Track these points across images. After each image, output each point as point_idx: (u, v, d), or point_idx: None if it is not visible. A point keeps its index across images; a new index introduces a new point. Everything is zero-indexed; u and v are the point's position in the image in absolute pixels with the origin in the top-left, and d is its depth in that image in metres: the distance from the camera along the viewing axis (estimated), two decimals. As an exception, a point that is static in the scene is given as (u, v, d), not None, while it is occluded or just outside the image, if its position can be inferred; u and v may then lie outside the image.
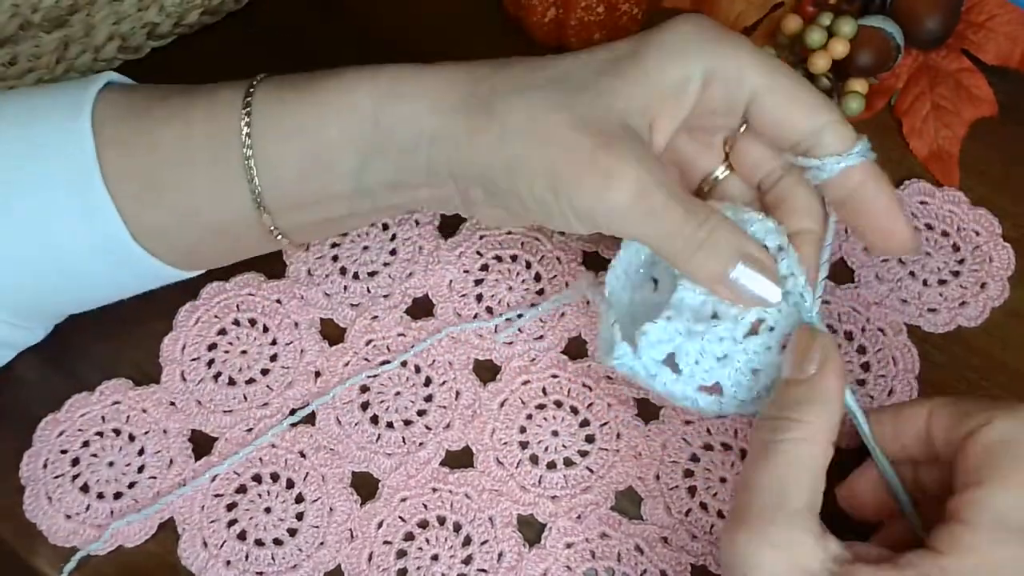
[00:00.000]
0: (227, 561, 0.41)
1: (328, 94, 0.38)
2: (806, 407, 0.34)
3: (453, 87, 0.37)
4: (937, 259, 0.47)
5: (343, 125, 0.37)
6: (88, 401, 0.45)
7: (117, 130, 0.38)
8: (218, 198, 0.38)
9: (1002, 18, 0.52)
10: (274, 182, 0.38)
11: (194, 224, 0.39)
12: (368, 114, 0.37)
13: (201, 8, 0.54)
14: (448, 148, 0.37)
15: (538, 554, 0.41)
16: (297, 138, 0.38)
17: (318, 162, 0.38)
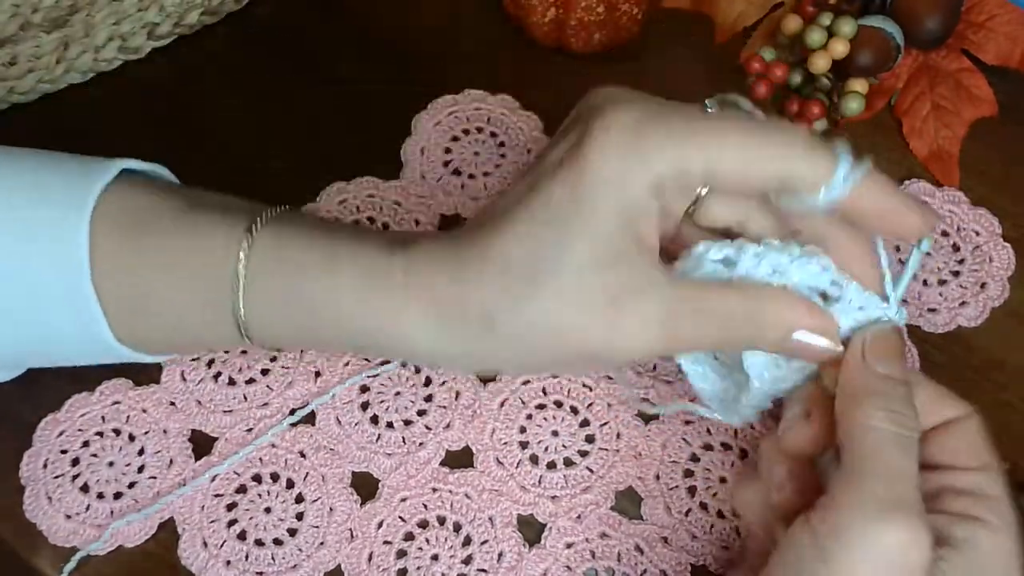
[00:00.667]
0: (227, 561, 0.41)
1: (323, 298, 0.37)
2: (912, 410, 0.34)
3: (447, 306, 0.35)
4: (937, 259, 0.47)
5: (338, 336, 0.38)
6: (88, 401, 0.45)
7: (111, 242, 0.37)
8: (204, 332, 0.39)
9: (1002, 18, 0.52)
10: (264, 338, 0.39)
11: (178, 340, 0.41)
12: (366, 334, 0.37)
13: (201, 8, 0.54)
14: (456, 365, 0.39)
15: (538, 554, 0.41)
16: (291, 321, 0.38)
17: (312, 341, 0.41)
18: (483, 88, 0.53)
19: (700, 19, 0.56)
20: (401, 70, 0.54)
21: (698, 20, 0.56)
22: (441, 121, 0.52)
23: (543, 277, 0.33)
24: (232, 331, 0.38)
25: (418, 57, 0.55)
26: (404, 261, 0.36)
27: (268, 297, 0.37)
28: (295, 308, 0.37)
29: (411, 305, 0.35)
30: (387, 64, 0.55)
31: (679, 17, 0.56)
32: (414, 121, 0.52)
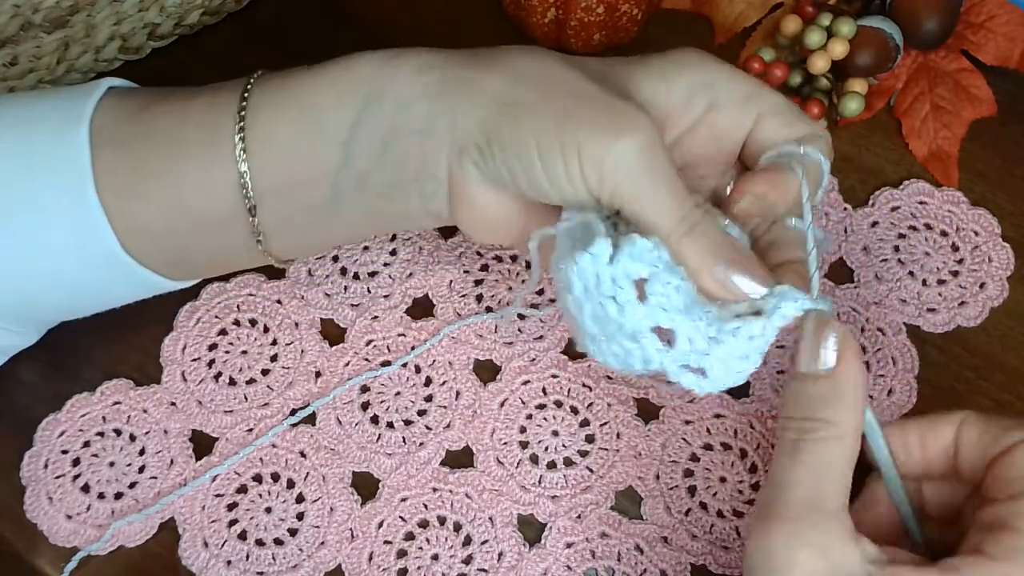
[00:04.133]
0: (228, 561, 0.41)
1: (327, 66, 0.38)
2: (833, 405, 0.33)
3: (452, 53, 0.37)
4: (936, 259, 0.47)
5: (339, 84, 0.37)
6: (89, 401, 0.45)
7: (115, 131, 0.38)
8: (204, 185, 0.38)
9: (1001, 18, 0.52)
10: (260, 156, 0.37)
11: (179, 221, 0.38)
12: (367, 74, 0.37)
13: (202, 8, 0.54)
14: (452, 93, 0.36)
15: (538, 554, 0.41)
16: (290, 107, 0.37)
17: (307, 124, 0.37)
18: (483, 88, 0.53)
19: (700, 19, 0.56)
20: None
21: (698, 20, 0.56)
22: (441, 121, 0.52)
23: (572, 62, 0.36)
24: (232, 191, 0.37)
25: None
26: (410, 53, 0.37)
27: (268, 110, 0.37)
28: (296, 107, 0.37)
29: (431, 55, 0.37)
30: (387, 64, 0.55)
31: (679, 17, 0.56)
32: (414, 121, 0.52)
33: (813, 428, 0.33)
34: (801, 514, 0.32)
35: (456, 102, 0.35)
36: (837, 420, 0.33)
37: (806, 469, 0.32)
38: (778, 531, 0.32)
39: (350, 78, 0.37)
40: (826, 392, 0.33)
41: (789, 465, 0.33)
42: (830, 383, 0.33)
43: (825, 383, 0.33)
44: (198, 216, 0.38)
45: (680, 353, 0.34)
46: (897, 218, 0.49)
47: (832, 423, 0.33)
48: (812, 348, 0.34)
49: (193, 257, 0.40)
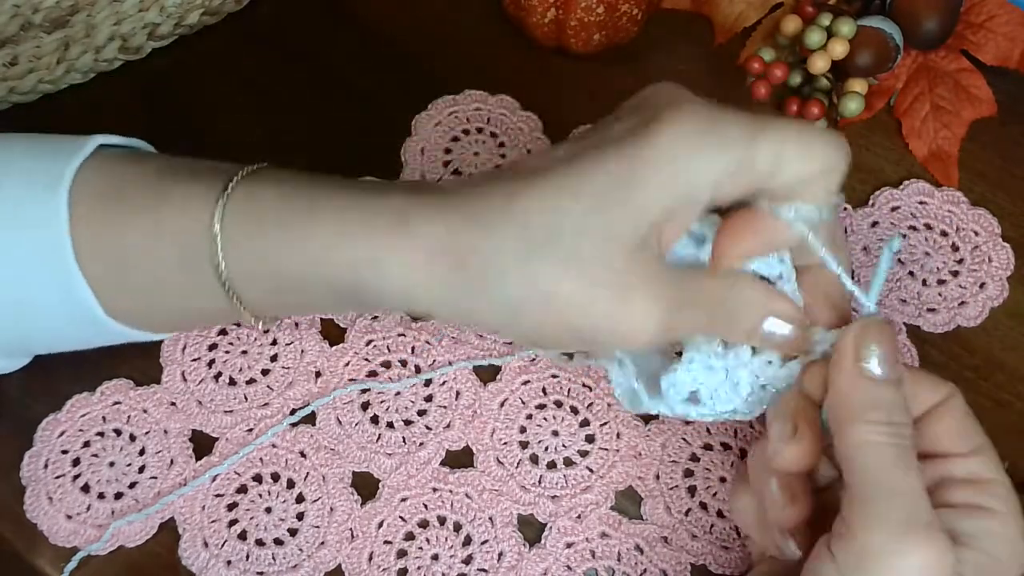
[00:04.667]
0: (228, 561, 0.41)
1: (304, 254, 0.35)
2: (906, 412, 0.33)
3: (438, 254, 0.33)
4: (936, 259, 0.47)
5: (320, 284, 0.35)
6: (89, 401, 0.45)
7: (91, 209, 0.37)
8: (190, 298, 0.38)
9: (1001, 19, 0.52)
10: (248, 294, 0.37)
11: (166, 312, 0.39)
12: (348, 279, 0.35)
13: (202, 9, 0.54)
14: (436, 315, 0.35)
15: (538, 554, 0.41)
16: (272, 271, 0.36)
17: (295, 293, 0.37)
18: (483, 88, 0.53)
19: (700, 19, 0.56)
20: (401, 70, 0.54)
21: (697, 20, 0.56)
22: (441, 121, 0.52)
23: (564, 247, 0.32)
24: (219, 295, 0.37)
25: (418, 57, 0.55)
26: (401, 203, 0.34)
27: (248, 249, 0.36)
28: (273, 262, 0.35)
29: (400, 247, 0.33)
30: (387, 64, 0.55)
31: (679, 17, 0.56)
32: (414, 121, 0.52)
33: (908, 434, 0.32)
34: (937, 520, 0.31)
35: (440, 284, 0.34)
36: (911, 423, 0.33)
37: (919, 475, 0.32)
38: (934, 540, 0.31)
39: (334, 274, 0.35)
40: (900, 397, 0.33)
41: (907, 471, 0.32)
42: (901, 390, 0.33)
43: (897, 389, 0.33)
44: (187, 303, 0.38)
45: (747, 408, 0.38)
46: (897, 218, 0.49)
47: (911, 426, 0.33)
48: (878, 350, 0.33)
49: (179, 326, 0.43)
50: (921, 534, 0.31)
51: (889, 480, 0.31)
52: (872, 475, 0.32)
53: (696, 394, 0.38)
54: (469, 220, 0.33)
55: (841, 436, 0.33)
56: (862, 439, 0.32)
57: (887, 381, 0.33)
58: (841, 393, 0.33)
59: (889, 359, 0.33)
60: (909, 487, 0.31)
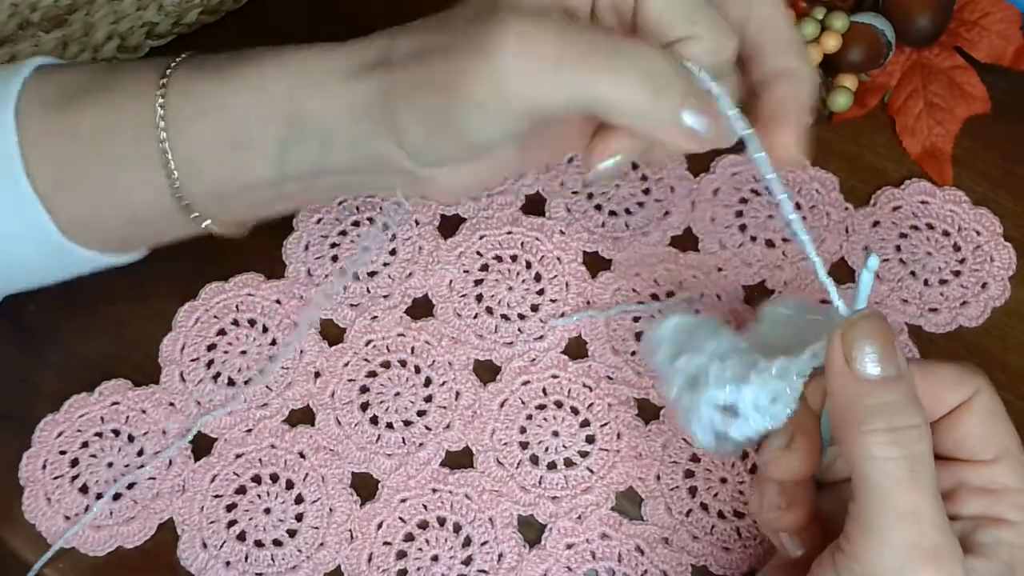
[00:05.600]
0: (227, 562, 0.41)
1: (240, 79, 0.36)
2: (917, 408, 0.31)
3: (366, 53, 0.35)
4: (938, 259, 0.47)
5: (257, 109, 0.36)
6: (87, 402, 0.44)
7: (41, 118, 0.37)
8: (138, 187, 0.37)
9: (995, 16, 0.52)
10: (192, 169, 0.36)
11: (117, 214, 0.38)
12: (281, 96, 0.35)
13: (200, 7, 0.54)
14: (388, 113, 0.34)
15: (538, 555, 0.41)
16: (211, 116, 0.36)
17: (234, 145, 0.36)
18: (483, 87, 0.53)
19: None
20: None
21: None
22: (441, 120, 0.52)
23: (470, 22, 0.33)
24: (164, 193, 0.36)
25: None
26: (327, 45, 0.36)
27: (187, 108, 0.36)
28: (213, 106, 0.36)
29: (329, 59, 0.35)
30: (387, 63, 0.55)
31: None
32: (414, 120, 0.52)
33: (917, 438, 0.30)
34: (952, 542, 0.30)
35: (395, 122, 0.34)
36: (926, 423, 0.31)
37: (931, 488, 0.30)
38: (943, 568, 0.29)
39: (265, 101, 0.35)
40: (906, 395, 0.31)
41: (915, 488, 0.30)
42: (905, 385, 0.31)
43: (900, 386, 0.31)
44: (134, 212, 0.38)
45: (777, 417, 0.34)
46: (898, 218, 0.48)
47: (924, 427, 0.30)
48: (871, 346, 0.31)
49: (134, 241, 0.40)
50: (927, 561, 0.29)
51: (892, 500, 0.29)
52: (874, 494, 0.30)
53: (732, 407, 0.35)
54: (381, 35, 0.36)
55: (843, 446, 0.31)
56: (863, 452, 0.30)
57: (887, 380, 0.30)
58: (838, 400, 0.31)
59: (884, 355, 0.31)
60: (914, 506, 0.29)
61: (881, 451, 0.30)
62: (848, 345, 0.31)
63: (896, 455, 0.30)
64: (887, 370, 0.31)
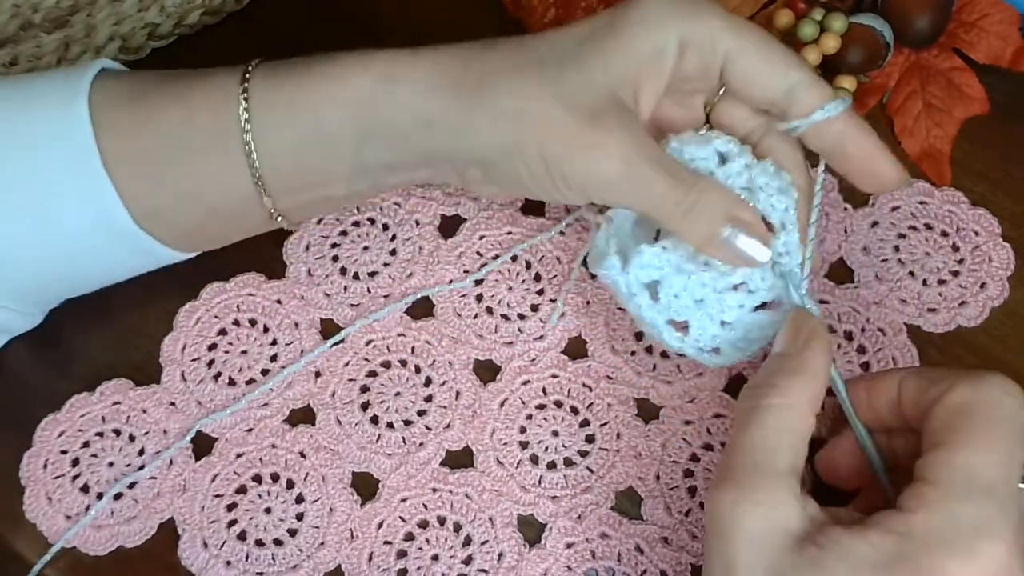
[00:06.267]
0: (227, 561, 0.41)
1: (324, 80, 0.38)
2: (791, 377, 0.35)
3: (446, 72, 0.38)
4: (936, 259, 0.47)
5: (340, 109, 0.38)
6: (88, 401, 0.45)
7: (115, 115, 0.38)
8: (219, 181, 0.39)
9: (993, 17, 0.52)
10: (274, 165, 0.39)
11: (194, 206, 0.40)
12: (364, 97, 0.38)
13: (202, 8, 0.54)
14: (443, 133, 0.38)
15: (538, 554, 0.41)
16: (295, 121, 0.38)
17: (316, 145, 0.39)
18: (483, 88, 0.53)
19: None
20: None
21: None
22: (441, 121, 0.52)
23: (548, 68, 0.37)
24: (247, 185, 0.39)
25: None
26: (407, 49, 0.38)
27: (272, 104, 0.38)
28: (297, 104, 0.38)
29: (409, 67, 0.38)
30: (387, 64, 0.55)
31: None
32: (414, 121, 0.52)
33: (763, 394, 0.35)
34: (748, 476, 0.33)
35: (448, 142, 0.38)
36: (787, 388, 0.35)
37: (756, 434, 0.34)
38: (727, 492, 0.33)
39: (348, 98, 0.38)
40: (787, 366, 0.36)
41: (741, 430, 0.34)
42: (789, 359, 0.36)
43: (785, 359, 0.36)
44: (211, 204, 0.40)
45: (693, 339, 0.40)
46: (897, 218, 0.48)
47: (780, 389, 0.35)
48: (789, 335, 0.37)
49: (206, 235, 0.42)
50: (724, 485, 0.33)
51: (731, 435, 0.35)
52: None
53: (656, 287, 0.39)
54: (475, 46, 0.39)
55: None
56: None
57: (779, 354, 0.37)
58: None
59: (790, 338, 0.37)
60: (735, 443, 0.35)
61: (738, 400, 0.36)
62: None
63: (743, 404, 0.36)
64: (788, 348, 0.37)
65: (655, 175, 0.37)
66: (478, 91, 0.37)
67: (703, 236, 0.38)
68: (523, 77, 0.37)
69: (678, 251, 0.39)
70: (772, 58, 0.38)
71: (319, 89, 0.38)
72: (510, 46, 0.38)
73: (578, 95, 0.37)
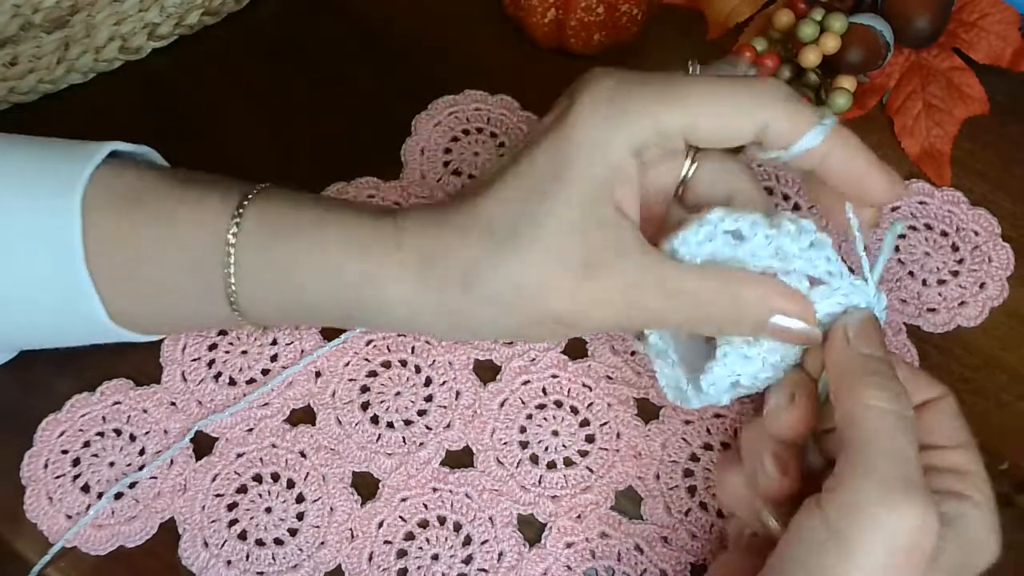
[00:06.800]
0: (228, 561, 0.41)
1: (311, 256, 0.37)
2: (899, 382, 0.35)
3: (430, 264, 0.36)
4: (936, 259, 0.47)
5: (326, 289, 0.37)
6: (89, 401, 0.45)
7: (104, 217, 0.38)
8: (196, 303, 0.39)
9: (993, 17, 0.52)
10: (254, 308, 0.39)
11: (169, 316, 0.40)
12: (353, 278, 0.37)
13: (202, 9, 0.54)
14: (438, 327, 0.37)
15: (538, 554, 0.41)
16: (280, 286, 0.38)
17: (298, 307, 0.39)
18: (483, 88, 0.53)
19: (699, 18, 0.56)
20: (401, 70, 0.54)
21: (697, 19, 0.56)
22: (441, 121, 0.52)
23: (523, 238, 0.34)
24: (223, 304, 0.38)
25: (418, 57, 0.55)
26: (392, 225, 0.37)
27: (258, 264, 0.37)
28: (283, 272, 0.37)
29: (394, 262, 0.36)
30: (387, 64, 0.55)
31: (679, 17, 0.56)
32: (414, 121, 0.52)
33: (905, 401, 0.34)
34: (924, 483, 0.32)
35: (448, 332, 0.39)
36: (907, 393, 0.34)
37: (911, 440, 0.33)
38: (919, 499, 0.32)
39: (334, 282, 0.37)
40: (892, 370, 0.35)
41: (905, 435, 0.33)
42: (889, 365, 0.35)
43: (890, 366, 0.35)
44: (187, 318, 0.41)
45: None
46: (897, 218, 0.49)
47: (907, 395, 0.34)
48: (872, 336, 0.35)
49: (180, 332, 0.45)
50: (913, 493, 0.31)
51: (889, 440, 0.32)
52: (872, 434, 0.33)
53: (737, 383, 0.38)
54: (447, 228, 0.36)
55: (844, 398, 0.34)
56: (865, 402, 0.33)
57: (878, 357, 0.35)
58: (841, 364, 0.35)
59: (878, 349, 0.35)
60: (904, 450, 0.32)
61: (881, 403, 0.33)
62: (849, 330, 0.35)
63: (893, 408, 0.33)
64: (877, 352, 0.35)
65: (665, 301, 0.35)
66: (465, 284, 0.35)
67: (752, 329, 0.36)
68: (503, 259, 0.34)
69: (734, 346, 0.37)
70: (734, 104, 0.35)
71: (305, 264, 0.37)
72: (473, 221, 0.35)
73: (564, 248, 0.34)
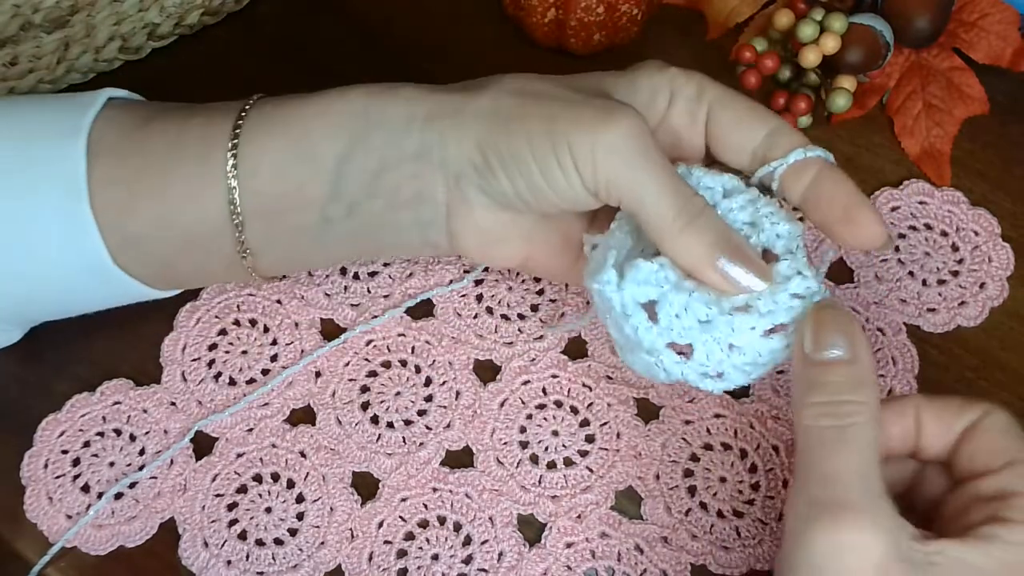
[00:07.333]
0: (228, 561, 0.41)
1: (319, 96, 0.39)
2: (863, 389, 0.34)
3: (443, 86, 0.39)
4: (936, 259, 0.47)
5: (330, 119, 0.38)
6: (89, 401, 0.45)
7: (113, 145, 0.38)
8: (194, 201, 0.39)
9: (993, 17, 0.52)
10: (251, 180, 0.38)
11: (168, 235, 0.39)
12: (359, 106, 0.38)
13: (202, 9, 0.54)
14: (441, 120, 0.38)
15: (538, 554, 0.41)
16: (283, 134, 0.38)
17: (297, 160, 0.38)
18: (483, 88, 0.53)
19: (699, 18, 0.56)
20: (401, 70, 0.54)
21: (697, 20, 0.56)
22: (441, 121, 0.52)
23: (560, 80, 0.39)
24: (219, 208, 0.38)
25: (418, 57, 0.55)
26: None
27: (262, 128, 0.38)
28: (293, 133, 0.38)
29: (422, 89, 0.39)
30: (387, 64, 0.55)
31: (679, 17, 0.56)
32: (414, 121, 0.52)
33: (850, 413, 0.33)
34: (864, 500, 0.32)
35: (446, 129, 0.37)
36: (868, 403, 0.34)
37: (857, 454, 0.33)
38: (845, 521, 0.32)
39: (340, 110, 0.38)
40: (855, 376, 0.34)
41: (837, 452, 0.33)
42: (857, 367, 0.34)
43: (852, 367, 0.34)
44: (186, 231, 0.39)
45: (698, 364, 0.36)
46: (897, 218, 0.49)
47: (865, 404, 0.33)
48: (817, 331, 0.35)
49: (179, 270, 0.41)
50: (832, 514, 0.31)
51: (812, 463, 0.33)
52: (800, 456, 0.34)
53: (655, 307, 0.36)
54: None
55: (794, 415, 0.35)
56: (801, 424, 0.34)
57: (834, 362, 0.34)
58: (793, 379, 0.35)
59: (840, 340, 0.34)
60: (832, 470, 0.32)
61: (813, 421, 0.34)
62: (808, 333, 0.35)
63: (827, 424, 0.33)
64: (837, 354, 0.34)
65: (665, 164, 0.36)
66: (476, 85, 0.38)
67: (697, 258, 0.35)
68: (525, 75, 0.38)
69: (677, 268, 0.36)
70: (750, 106, 0.38)
71: (313, 104, 0.39)
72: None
73: (582, 89, 0.38)
